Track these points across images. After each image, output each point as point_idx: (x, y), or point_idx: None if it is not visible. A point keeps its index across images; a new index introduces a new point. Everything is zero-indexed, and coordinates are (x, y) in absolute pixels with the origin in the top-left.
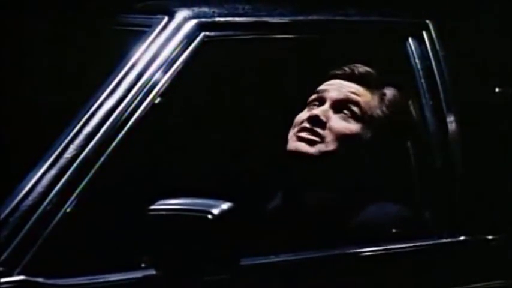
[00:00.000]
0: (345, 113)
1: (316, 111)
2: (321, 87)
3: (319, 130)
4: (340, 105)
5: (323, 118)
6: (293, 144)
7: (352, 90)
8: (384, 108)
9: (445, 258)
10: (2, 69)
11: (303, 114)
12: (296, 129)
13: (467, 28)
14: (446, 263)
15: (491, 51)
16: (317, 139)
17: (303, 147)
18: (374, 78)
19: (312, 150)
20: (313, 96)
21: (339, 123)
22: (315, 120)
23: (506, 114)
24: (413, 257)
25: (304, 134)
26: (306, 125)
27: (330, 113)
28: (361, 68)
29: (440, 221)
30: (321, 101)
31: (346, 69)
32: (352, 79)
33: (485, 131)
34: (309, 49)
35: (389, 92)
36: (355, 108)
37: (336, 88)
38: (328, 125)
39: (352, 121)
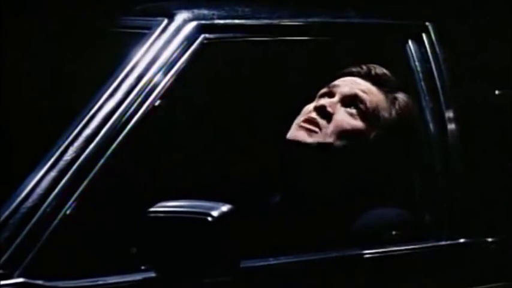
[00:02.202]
0: (352, 109)
1: (324, 101)
2: (333, 82)
3: (323, 121)
4: (349, 101)
5: (330, 109)
6: (293, 132)
7: (364, 88)
8: (393, 112)
9: (445, 261)
10: (1, 71)
11: (311, 105)
12: (301, 118)
13: (466, 30)
14: (445, 265)
15: (490, 53)
16: (317, 129)
17: (302, 136)
18: (390, 81)
19: (310, 140)
20: (324, 90)
21: (344, 117)
22: (321, 110)
23: (506, 116)
24: (412, 259)
25: (306, 124)
26: (312, 114)
27: (338, 106)
28: (379, 69)
29: (440, 223)
30: (331, 95)
31: (364, 67)
32: (367, 78)
33: (485, 133)
34: (309, 51)
35: (402, 97)
36: (362, 106)
37: (347, 84)
38: (333, 117)
39: (358, 118)
